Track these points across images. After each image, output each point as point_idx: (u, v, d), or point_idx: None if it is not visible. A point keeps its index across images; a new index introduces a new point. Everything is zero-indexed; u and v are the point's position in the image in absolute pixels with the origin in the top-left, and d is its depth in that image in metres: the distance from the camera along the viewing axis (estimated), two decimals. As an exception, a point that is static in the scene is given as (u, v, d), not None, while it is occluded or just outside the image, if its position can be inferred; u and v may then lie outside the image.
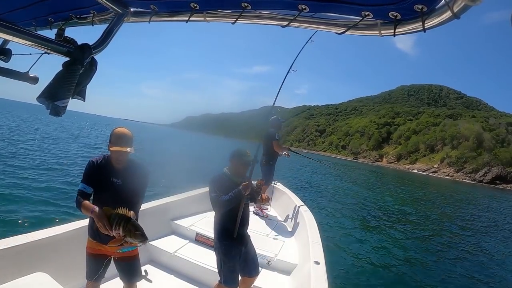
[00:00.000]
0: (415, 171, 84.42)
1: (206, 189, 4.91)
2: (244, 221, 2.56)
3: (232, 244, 2.45)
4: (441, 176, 75.55)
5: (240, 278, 2.58)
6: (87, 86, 1.23)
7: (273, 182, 5.77)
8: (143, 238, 1.76)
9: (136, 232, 1.74)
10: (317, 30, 1.08)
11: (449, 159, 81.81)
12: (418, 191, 26.55)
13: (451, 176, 75.14)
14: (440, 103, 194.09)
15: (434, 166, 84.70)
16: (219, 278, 2.50)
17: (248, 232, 2.69)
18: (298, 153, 5.62)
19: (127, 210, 1.80)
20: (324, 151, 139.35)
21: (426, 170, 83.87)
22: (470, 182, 67.50)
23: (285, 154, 5.40)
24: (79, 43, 1.15)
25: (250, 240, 2.68)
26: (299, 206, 4.87)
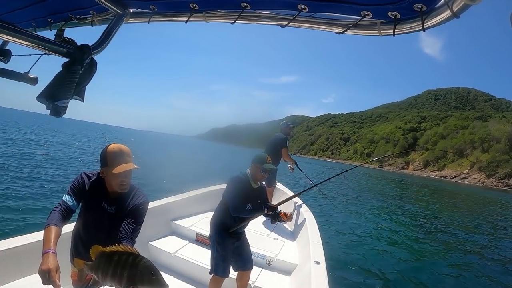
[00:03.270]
0: (441, 177, 78.67)
1: (206, 189, 4.97)
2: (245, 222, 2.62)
3: (226, 236, 2.53)
4: (472, 183, 70.08)
5: (236, 273, 2.67)
6: (87, 86, 1.23)
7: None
8: (161, 285, 1.11)
9: (152, 278, 1.10)
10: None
11: (480, 164, 75.64)
12: (438, 199, 24.53)
13: (483, 183, 69.65)
14: (468, 106, 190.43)
15: (464, 172, 78.91)
16: (210, 269, 2.54)
17: (248, 232, 2.74)
18: (301, 170, 5.62)
19: (129, 246, 1.20)
20: (348, 159, 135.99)
21: (455, 177, 77.62)
22: (504, 188, 61.32)
23: (290, 167, 5.36)
24: (78, 43, 1.15)
25: (245, 236, 2.75)
26: (299, 206, 4.87)
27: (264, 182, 5.21)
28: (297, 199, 5.33)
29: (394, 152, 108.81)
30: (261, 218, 4.81)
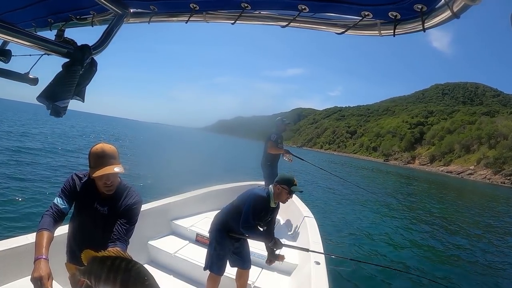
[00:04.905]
0: (447, 173, 77.65)
1: (206, 189, 4.97)
2: None
3: (226, 237, 2.56)
4: (478, 179, 69.39)
5: (236, 272, 2.69)
6: (87, 86, 1.23)
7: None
8: None
9: (146, 283, 1.09)
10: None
11: (486, 160, 74.60)
12: (438, 193, 24.62)
13: (489, 179, 68.57)
14: (476, 102, 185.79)
15: (470, 167, 77.69)
16: (205, 265, 2.56)
17: None
18: (301, 159, 5.52)
19: (122, 251, 1.17)
20: (354, 153, 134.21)
21: (461, 172, 76.67)
22: (511, 186, 59.87)
23: (286, 158, 5.24)
24: (79, 44, 1.15)
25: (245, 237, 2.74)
26: (299, 207, 4.87)
27: (263, 182, 5.19)
28: (297, 199, 5.32)
29: (400, 146, 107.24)
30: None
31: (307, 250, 2.83)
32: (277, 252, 2.65)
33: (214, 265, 2.51)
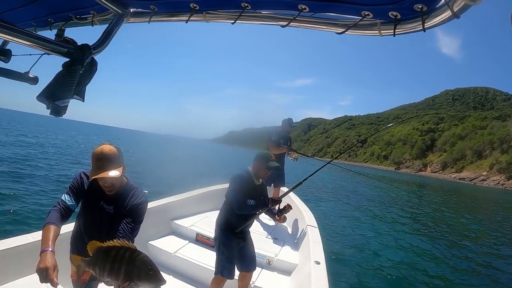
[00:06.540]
0: (460, 179, 76.32)
1: (206, 189, 4.97)
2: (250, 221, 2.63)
3: (231, 237, 2.52)
4: (491, 185, 68.12)
5: (238, 273, 2.65)
6: (87, 86, 1.23)
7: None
8: (158, 281, 1.11)
9: (150, 273, 1.10)
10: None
11: (499, 165, 73.37)
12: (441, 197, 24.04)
13: (502, 185, 67.02)
14: (487, 106, 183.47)
15: (483, 173, 76.42)
16: (215, 270, 2.53)
17: (249, 230, 2.73)
18: (306, 155, 5.41)
19: (126, 241, 1.18)
20: (365, 162, 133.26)
21: (473, 179, 75.41)
22: None
23: (292, 158, 5.14)
24: (79, 43, 1.15)
25: (250, 236, 2.74)
26: (300, 207, 4.86)
27: (272, 183, 5.17)
28: (297, 199, 5.31)
29: (411, 154, 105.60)
30: (261, 218, 4.82)
31: (300, 183, 2.95)
32: (281, 206, 2.69)
33: (224, 269, 2.46)
